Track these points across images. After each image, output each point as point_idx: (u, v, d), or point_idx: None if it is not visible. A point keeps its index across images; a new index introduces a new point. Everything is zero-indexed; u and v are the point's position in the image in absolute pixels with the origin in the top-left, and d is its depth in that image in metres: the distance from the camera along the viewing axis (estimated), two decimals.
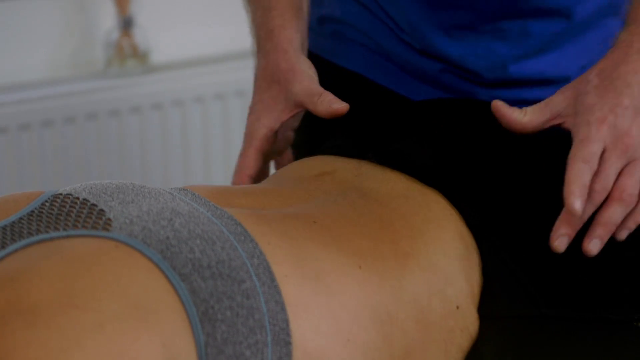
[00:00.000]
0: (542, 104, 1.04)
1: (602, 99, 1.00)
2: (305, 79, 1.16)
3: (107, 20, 2.30)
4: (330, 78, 1.21)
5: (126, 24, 2.28)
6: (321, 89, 1.14)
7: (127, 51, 2.29)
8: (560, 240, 0.98)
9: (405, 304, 0.97)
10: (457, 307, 0.99)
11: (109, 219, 0.90)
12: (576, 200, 0.96)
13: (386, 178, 1.07)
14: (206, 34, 2.41)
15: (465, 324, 1.00)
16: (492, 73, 1.21)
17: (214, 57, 2.42)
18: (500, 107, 1.06)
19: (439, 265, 1.00)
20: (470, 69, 1.21)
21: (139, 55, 2.31)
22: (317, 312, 0.92)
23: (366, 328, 0.94)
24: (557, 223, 0.98)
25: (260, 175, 1.19)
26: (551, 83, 1.21)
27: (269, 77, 1.18)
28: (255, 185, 1.11)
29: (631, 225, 0.99)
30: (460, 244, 1.02)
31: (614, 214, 0.98)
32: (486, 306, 1.00)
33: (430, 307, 0.98)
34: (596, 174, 0.98)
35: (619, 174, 0.99)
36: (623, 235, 0.99)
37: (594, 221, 0.98)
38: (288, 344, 0.90)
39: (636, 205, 0.99)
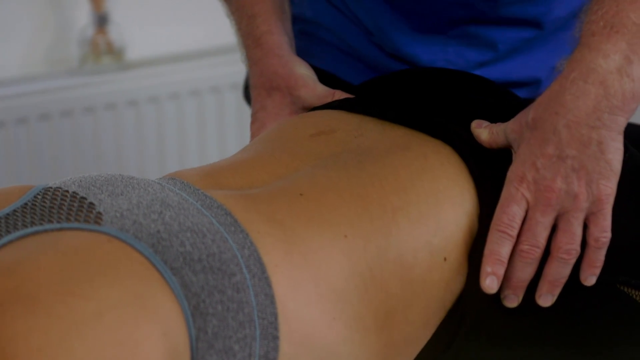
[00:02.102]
0: (502, 127, 1.03)
1: (529, 148, 0.99)
2: (309, 82, 1.17)
3: (82, 16, 2.29)
4: None
5: (101, 21, 2.27)
6: (331, 90, 1.15)
7: (102, 48, 2.29)
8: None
9: (391, 262, 0.98)
10: (445, 259, 1.00)
11: (100, 213, 0.90)
12: (486, 280, 0.97)
13: (387, 134, 1.07)
14: (181, 30, 2.41)
15: (451, 276, 1.00)
16: None
17: (189, 53, 2.42)
18: (473, 128, 1.06)
19: (429, 214, 1.00)
20: (435, 68, 1.21)
21: (114, 52, 2.31)
22: (304, 299, 0.93)
23: (351, 301, 0.96)
24: (503, 288, 0.98)
25: None
26: (520, 85, 1.22)
27: (267, 84, 1.19)
28: (243, 156, 1.10)
29: (594, 272, 0.98)
30: (456, 191, 1.02)
31: (556, 272, 0.98)
32: (477, 255, 1.00)
33: (415, 262, 0.99)
34: (522, 233, 0.98)
35: (556, 230, 0.98)
36: (590, 282, 0.99)
37: (542, 278, 0.98)
38: (275, 338, 0.91)
39: (587, 253, 0.98)
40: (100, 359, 0.79)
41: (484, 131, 1.05)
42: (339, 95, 1.14)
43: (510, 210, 0.97)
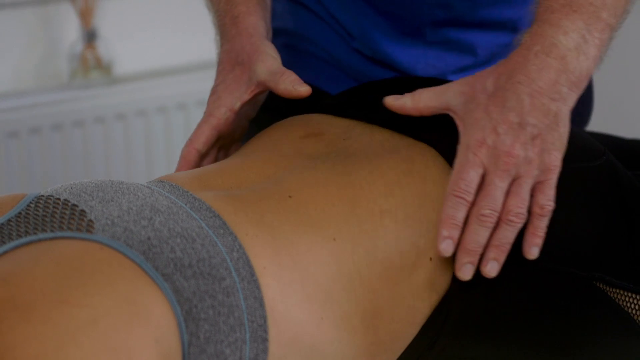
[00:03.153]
0: (438, 91, 1.02)
1: (488, 114, 0.98)
2: (268, 59, 1.13)
3: (71, 32, 2.29)
4: None
5: (90, 37, 2.27)
6: (283, 68, 1.12)
7: (90, 63, 2.29)
8: (464, 270, 0.97)
9: (378, 264, 0.98)
10: (430, 259, 1.00)
11: (91, 221, 0.90)
12: (442, 243, 0.96)
13: (374, 137, 1.07)
14: (168, 45, 2.41)
15: (437, 276, 1.00)
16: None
17: (175, 68, 2.42)
18: (389, 104, 1.04)
19: (416, 216, 1.00)
20: (421, 77, 1.22)
21: (103, 67, 2.30)
22: (292, 299, 0.93)
23: (339, 301, 0.96)
24: (458, 254, 0.97)
25: (206, 158, 1.16)
26: None
27: (233, 59, 1.16)
28: (232, 159, 1.10)
29: (536, 241, 0.97)
30: (441, 193, 1.01)
31: (504, 236, 0.97)
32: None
33: (402, 263, 0.99)
34: (482, 198, 0.97)
35: (507, 193, 0.97)
36: (533, 253, 0.98)
37: (488, 244, 0.97)
38: (265, 340, 0.91)
39: (531, 221, 0.98)
40: None
41: (406, 99, 1.04)
42: (289, 73, 1.11)
43: (468, 176, 0.97)
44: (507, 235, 0.97)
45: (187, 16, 2.30)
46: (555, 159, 0.98)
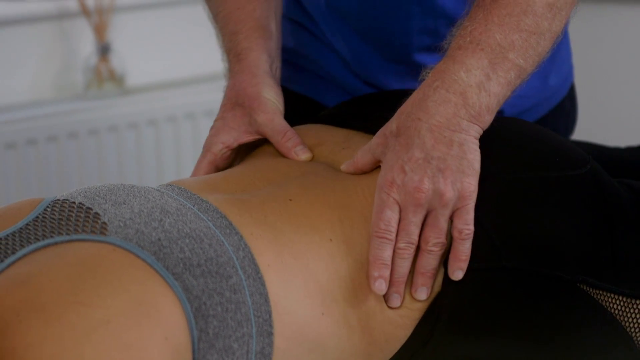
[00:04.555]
0: (365, 148, 1.02)
1: (396, 154, 0.98)
2: (269, 111, 1.13)
3: (86, 46, 2.29)
4: (285, 101, 1.19)
5: (104, 50, 2.27)
6: (285, 127, 1.12)
7: (104, 75, 2.28)
8: (392, 300, 0.98)
9: (369, 265, 0.97)
10: None
11: (105, 223, 0.90)
12: (374, 283, 0.96)
13: None
14: (177, 59, 2.41)
15: None
16: None
17: (184, 80, 2.42)
18: (344, 169, 1.04)
19: None
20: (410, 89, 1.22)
21: (116, 79, 2.30)
22: (295, 295, 0.93)
23: (337, 299, 0.96)
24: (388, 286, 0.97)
25: None
26: None
27: (234, 98, 1.16)
28: (237, 167, 1.10)
29: (460, 265, 0.97)
30: None
31: (427, 263, 0.97)
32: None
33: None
34: (399, 233, 0.97)
35: (424, 225, 0.97)
36: (457, 276, 0.98)
37: (415, 271, 0.98)
38: (270, 334, 0.91)
39: (454, 246, 0.97)
40: None
41: (347, 164, 1.04)
42: (291, 135, 1.11)
43: (385, 216, 0.97)
44: (430, 263, 0.97)
45: (195, 32, 2.30)
46: (469, 185, 0.97)
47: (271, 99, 1.15)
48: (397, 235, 0.97)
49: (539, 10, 0.99)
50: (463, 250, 0.97)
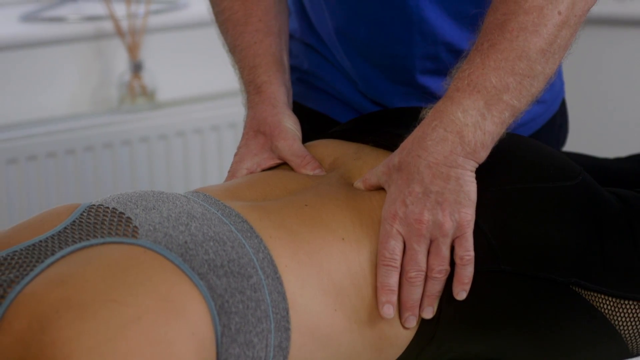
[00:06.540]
0: (373, 172, 1.03)
1: (398, 188, 0.99)
2: (289, 137, 1.13)
3: (121, 64, 2.30)
4: (300, 117, 1.20)
5: (136, 68, 2.27)
6: (304, 152, 1.12)
7: (137, 91, 2.29)
8: (409, 321, 0.98)
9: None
10: None
11: (136, 227, 0.90)
12: (383, 308, 0.96)
13: (380, 159, 1.07)
14: (203, 76, 2.41)
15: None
16: None
17: (209, 95, 2.42)
18: (356, 186, 1.04)
19: None
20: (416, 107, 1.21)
21: (147, 94, 2.30)
22: (310, 293, 0.94)
23: (349, 295, 0.96)
24: (401, 310, 0.97)
25: None
26: None
27: (256, 126, 1.16)
28: (259, 174, 1.10)
29: (463, 287, 0.98)
30: None
31: (432, 288, 0.98)
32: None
33: None
34: (407, 262, 0.97)
35: (428, 253, 0.98)
36: (461, 296, 0.98)
37: (423, 295, 0.98)
38: (287, 329, 0.91)
39: (456, 271, 0.98)
40: (141, 356, 0.80)
41: (358, 182, 1.04)
42: (309, 159, 1.12)
43: (389, 246, 0.97)
44: (436, 287, 0.98)
45: (218, 51, 2.30)
46: (466, 215, 0.97)
47: (290, 127, 1.15)
48: (406, 265, 0.97)
49: (533, 55, 0.98)
50: (465, 274, 0.98)
